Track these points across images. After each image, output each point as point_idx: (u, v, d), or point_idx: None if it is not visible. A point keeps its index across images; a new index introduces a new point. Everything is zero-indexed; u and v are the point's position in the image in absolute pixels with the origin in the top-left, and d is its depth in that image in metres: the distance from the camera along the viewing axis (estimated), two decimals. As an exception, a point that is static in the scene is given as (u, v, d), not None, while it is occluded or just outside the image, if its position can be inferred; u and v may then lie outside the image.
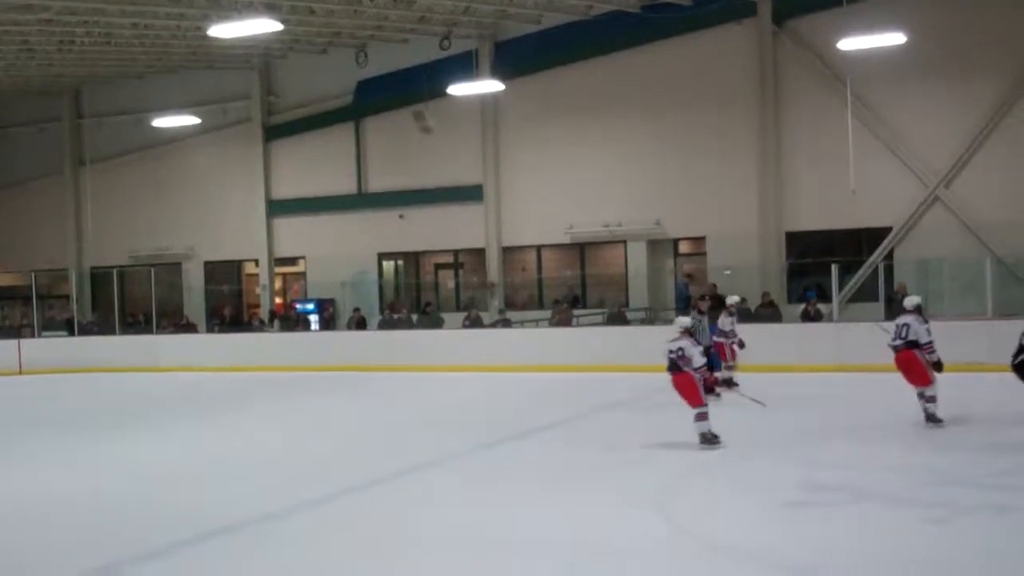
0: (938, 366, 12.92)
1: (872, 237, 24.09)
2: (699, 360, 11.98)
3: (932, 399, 12.96)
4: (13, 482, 11.68)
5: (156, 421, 16.59)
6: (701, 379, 11.98)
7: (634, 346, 19.76)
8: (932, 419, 12.84)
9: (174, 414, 17.42)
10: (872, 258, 23.68)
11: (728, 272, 24.38)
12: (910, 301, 13.38)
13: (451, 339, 23.85)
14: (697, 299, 16.33)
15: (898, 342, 13.04)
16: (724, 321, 16.75)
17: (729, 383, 14.93)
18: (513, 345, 22.67)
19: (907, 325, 12.98)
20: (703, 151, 25.44)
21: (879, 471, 10.16)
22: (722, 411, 15.10)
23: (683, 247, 26.92)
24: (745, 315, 22.35)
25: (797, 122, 24.70)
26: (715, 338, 16.48)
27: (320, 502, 9.79)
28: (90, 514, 9.81)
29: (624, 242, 26.71)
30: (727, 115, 25.24)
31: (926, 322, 13.13)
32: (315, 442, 13.74)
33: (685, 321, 12.48)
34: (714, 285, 23.94)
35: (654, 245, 26.58)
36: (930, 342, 12.85)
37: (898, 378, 13.90)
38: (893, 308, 20.33)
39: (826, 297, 21.87)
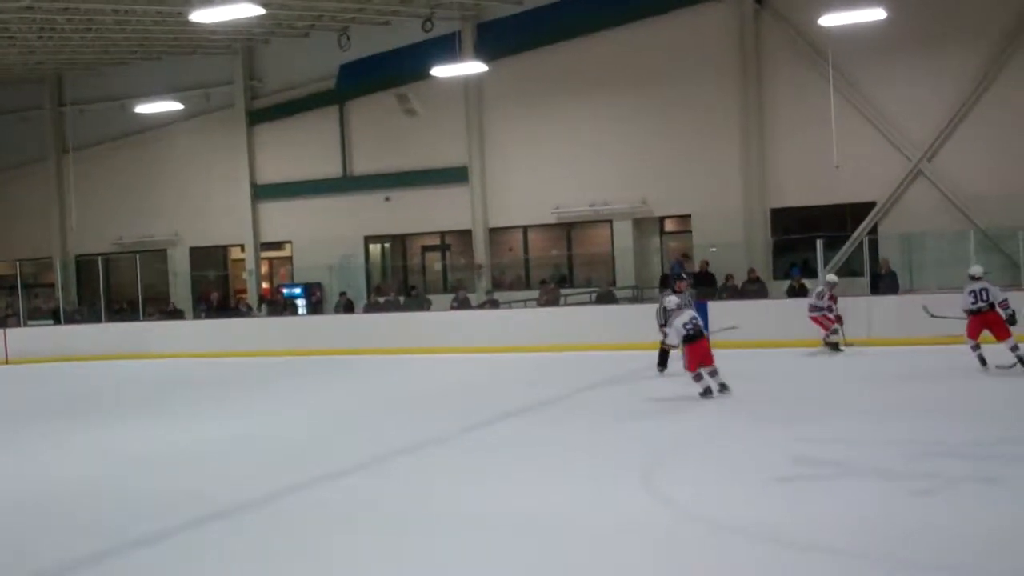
0: (1012, 319, 14.47)
1: (856, 212, 24.20)
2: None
3: (1016, 347, 14.44)
4: (4, 469, 11.69)
5: (145, 408, 16.58)
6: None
7: (622, 324, 19.85)
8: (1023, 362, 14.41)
9: (163, 400, 17.42)
10: (856, 233, 23.80)
11: (714, 249, 24.50)
12: (977, 269, 14.99)
13: (439, 321, 23.89)
14: (676, 280, 16.45)
15: (980, 304, 14.50)
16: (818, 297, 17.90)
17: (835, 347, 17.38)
18: (501, 326, 22.73)
19: (985, 289, 14.52)
20: (687, 129, 25.50)
21: (868, 445, 10.23)
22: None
23: (669, 225, 26.99)
24: (732, 292, 22.56)
25: (780, 99, 24.76)
26: (811, 314, 17.99)
27: (306, 485, 9.80)
28: (83, 501, 9.83)
29: (610, 221, 26.77)
30: (710, 93, 25.30)
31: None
32: (301, 425, 13.76)
33: (675, 300, 13.84)
34: (706, 262, 24.10)
35: (640, 223, 26.66)
36: (1006, 299, 14.49)
37: (883, 351, 14.08)
38: (880, 284, 20.55)
39: (811, 272, 21.98)
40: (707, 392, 13.46)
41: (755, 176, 24.90)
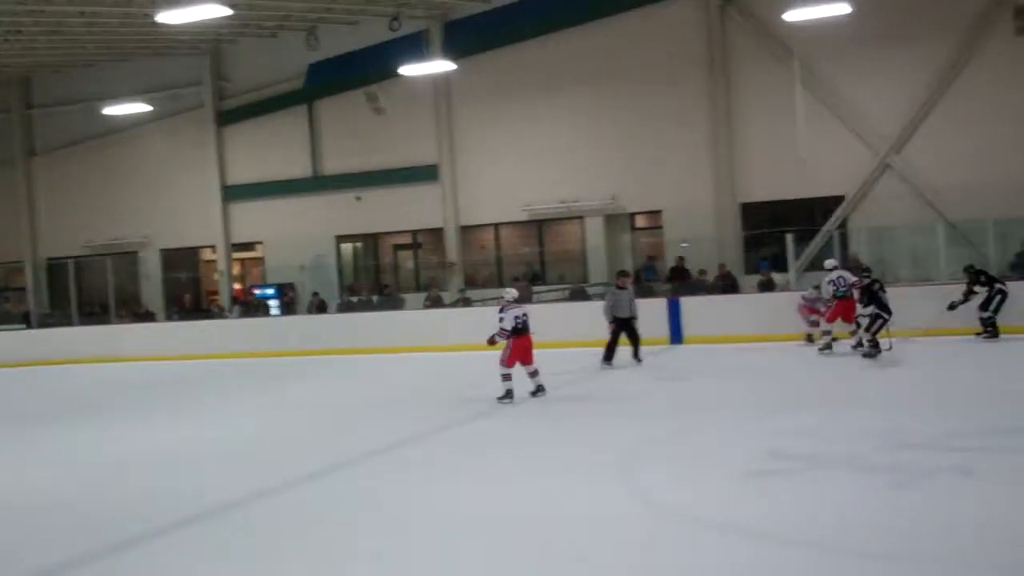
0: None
1: (826, 206, 24.39)
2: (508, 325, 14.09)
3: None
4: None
5: (118, 411, 16.53)
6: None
7: (595, 321, 19.89)
8: None
9: (137, 403, 17.37)
10: (826, 227, 23.96)
11: (685, 244, 24.63)
12: (831, 262, 17.63)
13: (412, 320, 23.90)
14: (619, 274, 18.16)
15: (842, 290, 16.91)
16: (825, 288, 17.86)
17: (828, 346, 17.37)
18: (474, 324, 22.72)
19: (842, 277, 17.06)
20: (656, 126, 25.61)
21: (842, 438, 10.33)
22: (688, 381, 15.36)
23: (639, 221, 27.10)
24: (701, 288, 22.69)
25: (747, 94, 24.91)
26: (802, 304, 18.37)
27: (285, 487, 9.83)
28: (64, 506, 9.82)
29: (581, 218, 26.86)
30: (678, 89, 25.41)
31: None
32: (280, 427, 13.77)
33: (514, 293, 14.78)
34: (681, 258, 24.20)
35: (611, 220, 26.74)
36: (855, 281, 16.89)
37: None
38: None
39: (781, 266, 22.14)
40: (508, 395, 13.89)
41: (724, 171, 25.05)
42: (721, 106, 25.00)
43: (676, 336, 20.14)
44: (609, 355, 17.27)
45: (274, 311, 28.06)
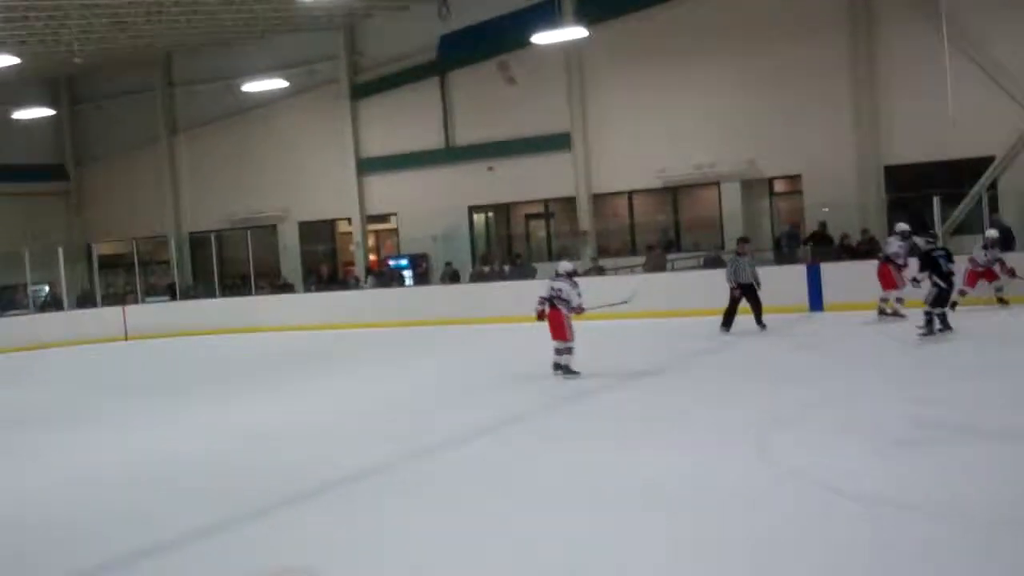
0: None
1: (974, 168, 23.35)
2: (576, 300, 13.81)
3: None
4: (129, 443, 11.97)
5: (260, 381, 16.88)
6: (570, 316, 13.83)
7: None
8: None
9: (276, 374, 17.71)
10: (974, 189, 22.97)
11: (826, 210, 23.85)
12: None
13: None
14: (739, 240, 18.45)
15: None
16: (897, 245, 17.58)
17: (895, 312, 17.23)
18: (606, 292, 22.50)
19: None
20: (795, 87, 24.86)
21: (990, 408, 9.88)
22: (837, 346, 14.94)
23: (778, 186, 26.44)
24: (843, 253, 22.03)
25: (891, 52, 23.99)
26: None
27: (403, 459, 9.82)
28: (200, 474, 10.01)
29: (717, 183, 26.32)
30: (818, 48, 24.60)
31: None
32: (409, 398, 13.85)
33: (567, 266, 14.45)
34: (823, 224, 23.55)
35: (748, 185, 26.13)
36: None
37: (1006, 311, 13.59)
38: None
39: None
40: (560, 368, 13.84)
41: (867, 134, 24.20)
42: (863, 65, 24.13)
43: (816, 303, 19.64)
44: (728, 321, 17.40)
45: (408, 282, 28.31)
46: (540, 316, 14.08)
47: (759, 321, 17.35)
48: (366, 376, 16.67)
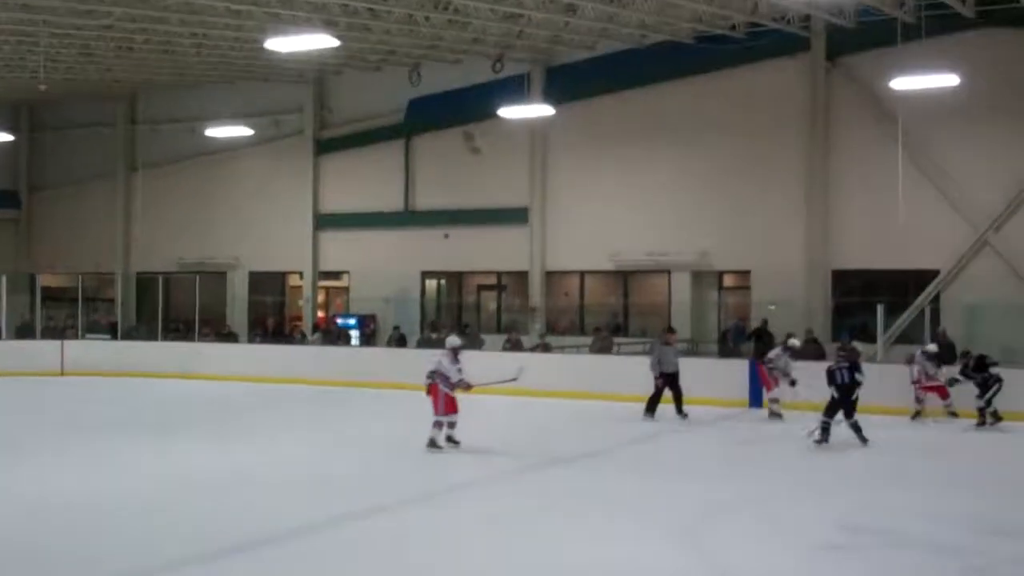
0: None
1: (919, 279, 23.78)
2: (455, 376, 14.21)
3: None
4: (43, 482, 11.77)
5: (191, 428, 16.68)
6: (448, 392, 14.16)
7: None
8: None
9: (210, 421, 17.52)
10: (918, 301, 23.37)
11: (772, 307, 24.15)
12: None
13: (490, 361, 23.72)
14: (665, 330, 19.52)
15: None
16: (779, 355, 18.30)
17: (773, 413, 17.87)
18: (552, 370, 22.60)
19: None
20: (751, 185, 25.27)
21: (918, 517, 9.99)
22: (767, 447, 15.02)
23: (728, 280, 26.75)
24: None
25: (846, 159, 24.49)
26: (767, 366, 18.45)
27: (332, 523, 9.74)
28: (117, 518, 9.88)
29: (668, 272, 26.56)
30: (776, 149, 25.10)
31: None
32: (343, 460, 13.75)
33: (454, 341, 14.98)
34: (765, 321, 23.79)
35: (699, 276, 26.42)
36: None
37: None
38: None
39: (870, 337, 21.61)
40: (434, 444, 14.05)
41: (818, 236, 24.58)
42: (818, 169, 24.60)
43: (756, 399, 19.76)
44: (652, 407, 17.82)
45: (354, 341, 28.17)
46: (428, 390, 14.36)
47: (679, 410, 17.75)
48: (294, 433, 16.53)
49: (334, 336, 27.98)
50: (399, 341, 26.35)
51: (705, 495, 11.25)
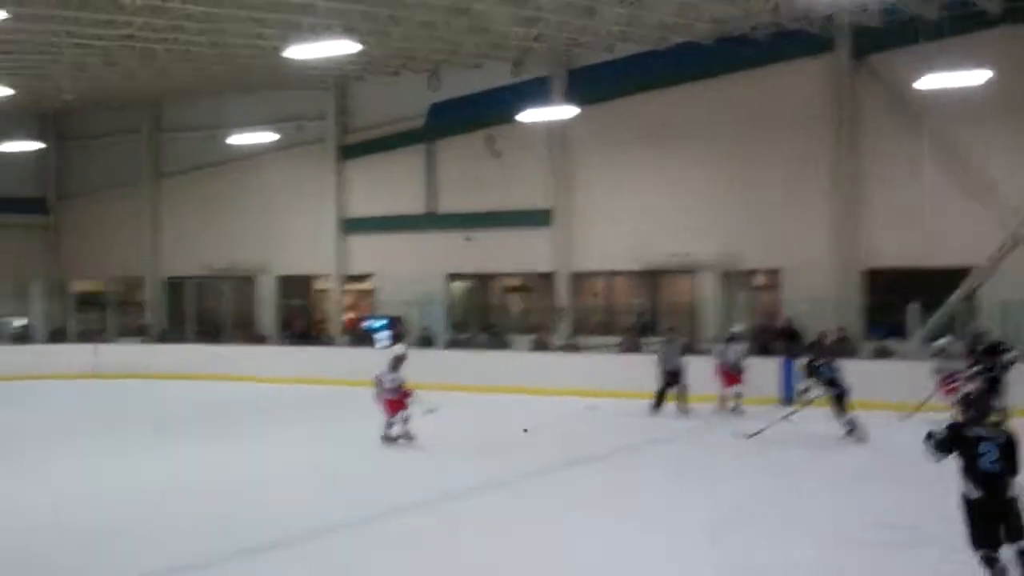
0: None
1: (950, 278, 23.44)
2: (388, 384, 15.39)
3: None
4: (75, 480, 11.89)
5: (219, 430, 16.82)
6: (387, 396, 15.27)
7: (703, 376, 19.62)
8: None
9: (238, 423, 17.66)
10: (951, 299, 23.08)
11: (804, 306, 23.92)
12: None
13: (516, 361, 23.81)
14: (667, 329, 21.02)
15: None
16: (723, 349, 19.71)
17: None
18: (579, 370, 22.60)
19: None
20: (778, 184, 25.05)
21: (946, 515, 9.90)
22: (794, 445, 14.96)
23: (757, 279, 26.58)
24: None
25: (874, 158, 24.25)
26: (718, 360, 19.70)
27: (346, 523, 9.78)
28: (149, 518, 9.96)
29: (695, 272, 26.43)
30: (803, 149, 24.88)
31: None
32: (366, 460, 13.81)
33: (398, 349, 16.33)
34: (789, 319, 23.65)
35: (727, 276, 26.24)
36: None
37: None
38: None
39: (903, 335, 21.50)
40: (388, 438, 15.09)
41: (848, 235, 24.31)
42: (845, 169, 24.36)
43: (787, 397, 19.76)
44: (658, 403, 19.07)
45: (385, 342, 28.20)
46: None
47: (682, 408, 18.74)
48: (320, 434, 16.66)
49: (361, 338, 28.11)
50: (425, 342, 26.44)
51: (732, 493, 11.22)
